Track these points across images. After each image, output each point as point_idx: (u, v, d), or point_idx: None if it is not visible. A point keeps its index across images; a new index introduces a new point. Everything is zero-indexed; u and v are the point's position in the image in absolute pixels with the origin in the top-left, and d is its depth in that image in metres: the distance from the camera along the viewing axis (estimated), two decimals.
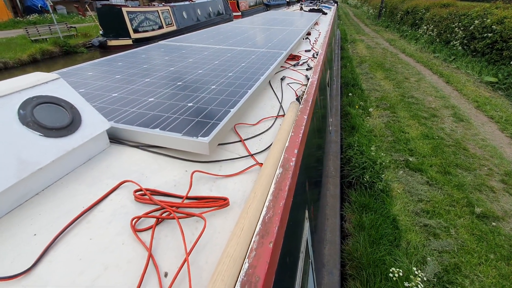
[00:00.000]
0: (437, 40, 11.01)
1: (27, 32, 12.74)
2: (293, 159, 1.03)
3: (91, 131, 0.90)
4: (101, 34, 12.87)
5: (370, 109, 5.28)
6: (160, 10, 14.38)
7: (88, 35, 14.40)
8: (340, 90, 6.12)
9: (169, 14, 14.99)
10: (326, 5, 10.63)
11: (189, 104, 1.20)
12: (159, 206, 0.75)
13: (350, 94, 5.78)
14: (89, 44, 13.21)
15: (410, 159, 3.85)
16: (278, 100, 1.62)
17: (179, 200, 0.80)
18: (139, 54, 2.09)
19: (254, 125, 1.31)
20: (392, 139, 4.39)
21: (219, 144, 1.10)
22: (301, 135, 1.20)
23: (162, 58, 1.99)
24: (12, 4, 18.54)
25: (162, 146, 0.99)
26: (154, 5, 15.53)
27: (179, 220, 0.73)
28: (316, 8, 7.55)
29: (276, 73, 2.08)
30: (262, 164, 1.03)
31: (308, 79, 2.03)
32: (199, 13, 17.68)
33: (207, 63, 1.88)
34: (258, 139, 1.22)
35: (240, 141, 1.16)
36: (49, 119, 0.83)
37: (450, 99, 6.18)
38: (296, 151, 1.08)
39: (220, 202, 0.81)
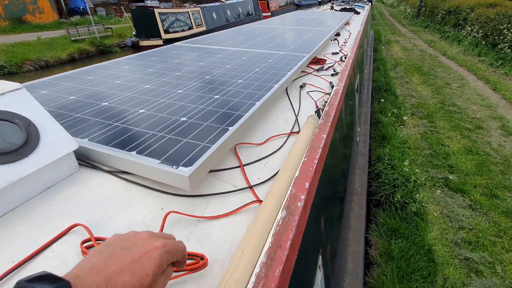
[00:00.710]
0: (483, 42, 10.00)
1: (68, 33, 13.55)
2: (302, 197, 0.79)
3: (50, 154, 0.73)
4: (134, 34, 13.33)
5: (405, 117, 4.82)
6: (191, 11, 14.60)
7: (123, 36, 15.01)
8: (371, 96, 5.69)
9: (199, 15, 15.18)
10: (360, 4, 10.08)
11: (183, 119, 1.01)
12: None
13: (382, 100, 5.34)
14: (122, 44, 13.75)
15: (450, 177, 3.40)
16: (294, 113, 1.38)
17: None
18: (149, 57, 1.96)
19: (260, 145, 1.09)
20: (429, 152, 3.93)
21: (211, 171, 0.89)
22: (316, 161, 0.96)
23: (171, 61, 1.83)
24: (57, 7, 19.91)
25: (137, 174, 0.80)
26: (185, 6, 15.84)
27: None
28: (348, 7, 7.13)
29: (295, 79, 1.84)
30: (262, 201, 0.81)
31: (333, 86, 1.76)
32: (229, 14, 17.74)
33: (218, 67, 1.69)
34: (262, 163, 1.00)
35: (239, 166, 0.95)
36: None
37: (498, 108, 5.49)
38: (307, 184, 0.84)
39: (194, 263, 0.60)
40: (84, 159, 0.85)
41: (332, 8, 7.61)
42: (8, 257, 0.57)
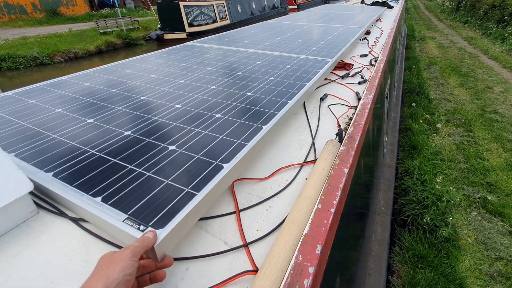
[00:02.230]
0: None
1: (97, 25, 13.92)
2: (311, 270, 0.60)
3: None
4: (159, 27, 13.45)
5: (438, 125, 4.39)
6: (215, 4, 14.47)
7: (148, 28, 15.20)
8: (401, 99, 5.26)
9: (224, 8, 15.01)
10: None
11: (171, 148, 0.83)
12: None
13: (413, 104, 4.91)
14: (147, 37, 13.92)
15: (489, 198, 3.01)
16: (311, 134, 1.17)
17: None
18: (139, 63, 1.81)
19: (264, 180, 0.90)
20: (466, 166, 3.53)
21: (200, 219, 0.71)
22: (333, 209, 0.75)
23: (177, 65, 1.66)
24: None
25: (100, 227, 0.64)
26: None
27: None
28: (380, 1, 6.62)
29: (315, 89, 1.61)
30: (256, 271, 0.62)
31: (360, 98, 1.52)
32: (254, 7, 17.43)
33: (228, 73, 1.50)
34: (265, 207, 0.80)
35: (234, 212, 0.76)
36: None
37: None
38: (319, 249, 0.64)
39: None
40: (45, 199, 0.71)
41: (362, 1, 7.12)
42: None
